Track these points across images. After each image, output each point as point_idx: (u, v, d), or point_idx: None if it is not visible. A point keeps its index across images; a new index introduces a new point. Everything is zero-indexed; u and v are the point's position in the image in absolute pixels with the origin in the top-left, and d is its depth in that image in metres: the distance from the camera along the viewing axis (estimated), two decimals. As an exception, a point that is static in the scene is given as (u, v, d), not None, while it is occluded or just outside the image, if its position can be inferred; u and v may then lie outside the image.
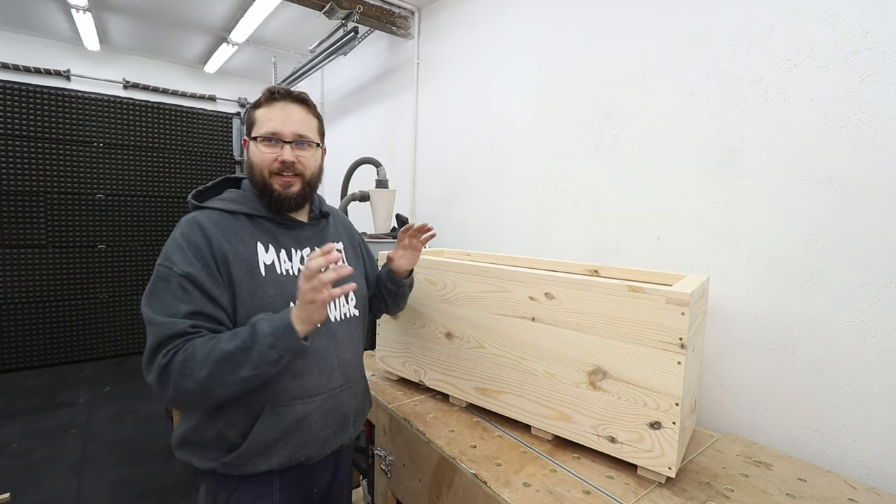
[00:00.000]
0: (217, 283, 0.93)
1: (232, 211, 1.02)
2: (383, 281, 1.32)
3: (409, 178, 3.06)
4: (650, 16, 1.65)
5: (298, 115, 1.04)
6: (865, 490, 1.08)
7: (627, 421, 1.09)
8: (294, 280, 1.02)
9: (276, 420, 0.98)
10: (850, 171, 1.20)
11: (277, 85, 1.05)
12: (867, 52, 1.16)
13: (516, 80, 2.23)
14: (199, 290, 0.91)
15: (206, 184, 1.09)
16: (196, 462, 1.00)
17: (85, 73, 4.63)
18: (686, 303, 0.98)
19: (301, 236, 1.10)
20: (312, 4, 2.71)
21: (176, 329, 0.86)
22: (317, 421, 1.04)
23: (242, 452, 0.96)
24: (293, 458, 1.02)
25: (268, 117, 1.02)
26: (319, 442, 1.05)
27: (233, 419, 0.97)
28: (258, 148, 1.02)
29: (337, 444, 1.10)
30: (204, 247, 0.94)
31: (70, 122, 3.86)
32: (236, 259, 0.96)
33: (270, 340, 0.85)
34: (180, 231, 0.96)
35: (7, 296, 3.69)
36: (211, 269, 0.93)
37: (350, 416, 1.13)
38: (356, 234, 1.33)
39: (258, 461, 0.98)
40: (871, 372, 1.17)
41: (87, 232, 3.99)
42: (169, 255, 0.93)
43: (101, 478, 2.39)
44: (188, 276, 0.90)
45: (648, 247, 1.67)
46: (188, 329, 0.87)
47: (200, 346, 0.86)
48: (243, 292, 0.95)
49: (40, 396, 3.31)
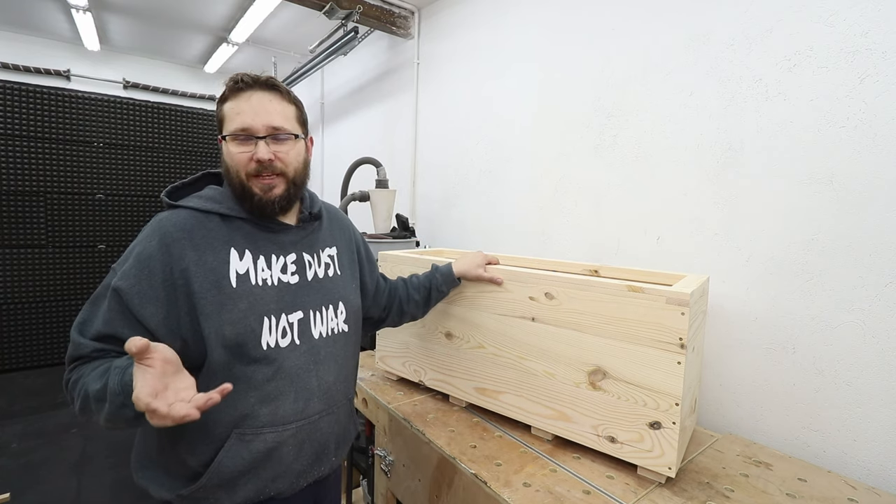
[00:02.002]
0: (151, 301, 0.82)
1: (206, 211, 0.91)
2: (438, 285, 1.34)
3: (409, 178, 3.06)
4: (650, 16, 1.65)
5: (271, 105, 0.90)
6: (865, 490, 1.08)
7: (627, 421, 1.09)
8: (272, 290, 0.92)
9: (243, 450, 0.87)
10: (850, 171, 1.19)
11: (241, 73, 0.91)
12: (867, 52, 1.16)
13: (516, 80, 2.23)
14: (123, 308, 0.82)
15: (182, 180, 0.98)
16: (152, 490, 0.90)
17: (85, 73, 4.63)
18: (686, 303, 0.98)
19: (286, 241, 0.98)
20: (312, 4, 2.71)
21: (80, 352, 0.82)
22: (290, 452, 0.92)
23: (203, 485, 0.86)
24: (261, 492, 0.90)
25: (235, 111, 0.89)
26: (293, 475, 0.94)
27: (192, 446, 0.87)
28: (230, 147, 0.90)
29: (313, 476, 0.98)
30: (155, 258, 0.84)
31: (70, 122, 3.86)
32: (200, 269, 0.85)
33: (121, 399, 0.72)
34: (140, 236, 0.88)
35: (7, 296, 3.69)
36: (153, 284, 0.83)
37: (330, 445, 1.01)
38: (356, 236, 1.20)
39: (220, 495, 0.87)
40: (871, 372, 1.17)
41: (87, 232, 4.00)
42: (122, 260, 0.86)
43: (101, 478, 2.40)
44: (117, 290, 0.82)
45: (648, 247, 1.67)
46: (91, 353, 0.82)
47: (84, 374, 0.80)
48: (207, 307, 0.84)
49: (40, 396, 3.31)
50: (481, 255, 1.37)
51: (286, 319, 0.93)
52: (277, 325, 0.91)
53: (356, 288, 1.13)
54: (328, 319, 1.01)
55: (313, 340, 0.97)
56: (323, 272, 1.03)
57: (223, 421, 0.87)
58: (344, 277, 1.09)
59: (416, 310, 1.33)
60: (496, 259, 1.42)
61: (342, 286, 1.07)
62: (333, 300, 1.03)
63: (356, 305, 1.10)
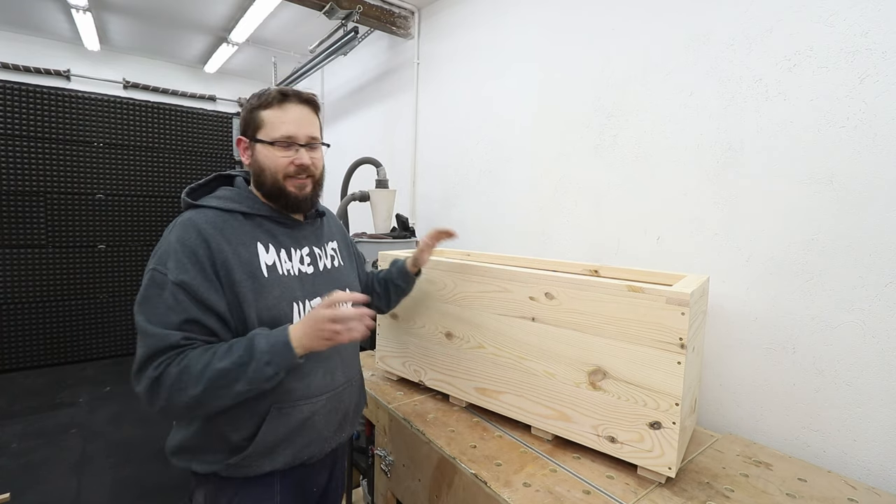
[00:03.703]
0: (213, 289, 0.90)
1: (229, 210, 0.99)
2: (393, 279, 1.37)
3: (409, 178, 3.06)
4: (650, 16, 1.65)
5: (309, 118, 1.04)
6: (865, 490, 1.08)
7: (627, 421, 1.09)
8: (296, 280, 1.02)
9: (282, 421, 0.97)
10: (850, 171, 1.20)
11: (283, 86, 1.06)
12: (867, 52, 1.16)
13: (516, 80, 2.23)
14: (193, 299, 0.88)
15: (198, 181, 1.06)
16: (196, 467, 0.98)
17: (85, 73, 4.63)
18: (686, 303, 0.98)
19: (299, 235, 1.09)
20: (312, 4, 2.71)
21: (168, 341, 0.85)
22: (321, 420, 1.04)
23: (248, 454, 0.95)
24: (297, 457, 1.01)
25: (281, 120, 1.00)
26: (322, 441, 1.06)
27: (236, 422, 0.96)
28: (271, 151, 1.00)
29: (336, 441, 1.11)
30: (201, 251, 0.91)
31: (70, 122, 3.86)
32: (238, 261, 0.94)
33: (267, 357, 0.85)
34: (176, 234, 0.93)
35: (7, 296, 3.69)
36: (207, 275, 0.90)
37: (349, 413, 1.14)
38: (346, 232, 1.35)
39: (262, 462, 0.97)
40: (871, 372, 1.17)
41: (87, 232, 3.99)
42: (164, 261, 0.89)
43: (100, 478, 2.39)
44: (181, 284, 0.87)
45: (648, 247, 1.67)
46: (181, 341, 0.86)
47: (195, 359, 0.84)
48: (248, 294, 0.93)
49: (40, 396, 3.31)
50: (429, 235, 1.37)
51: (310, 305, 1.03)
52: (304, 310, 1.02)
53: (356, 277, 1.28)
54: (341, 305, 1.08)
55: None
56: (330, 263, 1.16)
57: (263, 401, 0.95)
58: (346, 267, 1.22)
59: (379, 301, 1.39)
60: (448, 231, 1.37)
61: (346, 275, 1.20)
62: (342, 287, 1.14)
63: (359, 291, 1.24)
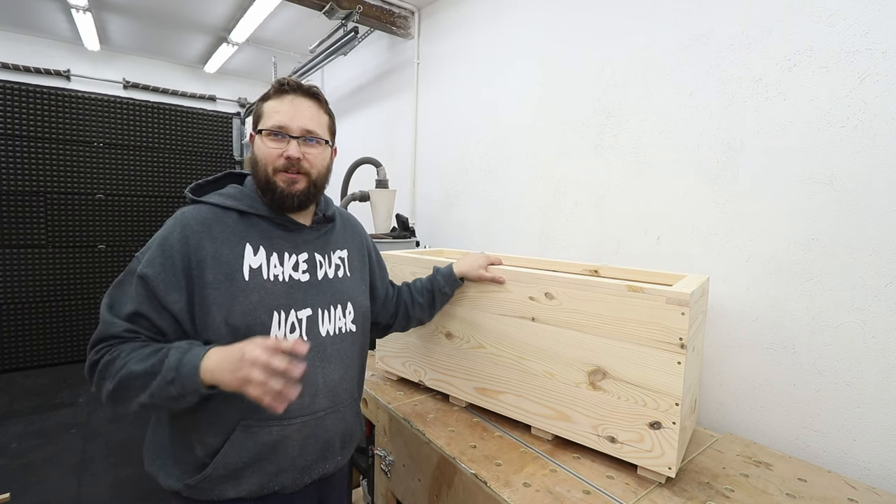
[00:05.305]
0: (175, 289, 0.88)
1: (226, 207, 0.96)
2: (441, 287, 1.33)
3: (409, 178, 3.06)
4: (650, 16, 1.65)
5: (308, 110, 0.98)
6: (865, 490, 1.08)
7: (627, 421, 1.09)
8: (282, 287, 0.96)
9: (249, 442, 0.90)
10: (850, 171, 1.19)
11: (288, 77, 1.01)
12: (867, 52, 1.16)
13: (516, 80, 2.23)
14: (150, 294, 0.87)
15: (208, 177, 1.04)
16: (162, 480, 0.93)
17: (85, 73, 4.63)
18: (686, 303, 0.98)
19: (299, 240, 1.02)
20: (312, 4, 2.71)
21: (111, 331, 0.86)
22: (294, 446, 0.94)
23: (208, 475, 0.89)
24: (265, 486, 0.93)
25: (275, 110, 0.96)
26: (297, 470, 0.96)
27: (202, 434, 0.90)
28: (263, 142, 0.96)
29: (318, 473, 1.00)
30: (176, 248, 0.89)
31: (70, 122, 3.86)
32: (215, 261, 0.90)
33: (172, 375, 0.79)
34: (163, 228, 0.94)
35: (7, 296, 3.68)
36: (174, 273, 0.88)
37: (335, 443, 1.02)
38: (367, 242, 1.24)
39: (226, 487, 0.90)
40: (871, 372, 1.17)
41: (87, 232, 3.99)
42: (144, 251, 0.91)
43: (100, 478, 2.39)
44: (144, 277, 0.87)
45: (648, 247, 1.67)
46: (123, 333, 0.86)
47: (123, 354, 0.83)
48: (219, 297, 0.89)
49: (40, 396, 3.30)
50: (483, 256, 1.37)
51: (295, 315, 0.96)
52: (286, 321, 0.94)
53: (365, 290, 1.16)
54: (336, 318, 1.03)
55: (320, 338, 0.99)
56: (333, 272, 1.07)
57: (231, 412, 0.90)
58: (353, 279, 1.12)
59: (421, 313, 1.34)
60: (499, 259, 1.41)
61: (351, 287, 1.10)
62: (342, 300, 1.05)
63: (364, 307, 1.13)
